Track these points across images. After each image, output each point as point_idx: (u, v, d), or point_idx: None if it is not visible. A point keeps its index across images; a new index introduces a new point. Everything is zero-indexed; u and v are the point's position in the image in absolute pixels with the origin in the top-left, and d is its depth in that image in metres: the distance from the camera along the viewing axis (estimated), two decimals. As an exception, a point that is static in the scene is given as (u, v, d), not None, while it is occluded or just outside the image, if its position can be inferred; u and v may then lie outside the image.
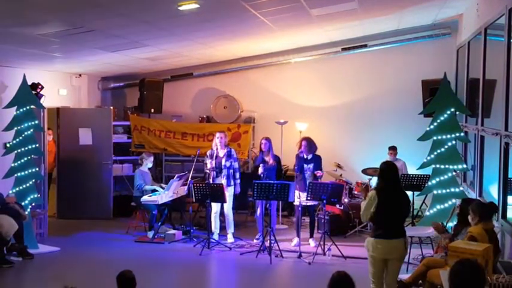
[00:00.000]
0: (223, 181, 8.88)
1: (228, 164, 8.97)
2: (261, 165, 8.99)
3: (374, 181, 10.09)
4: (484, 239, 5.25)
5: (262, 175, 8.91)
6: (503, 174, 6.38)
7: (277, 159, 9.17)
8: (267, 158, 9.03)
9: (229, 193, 8.95)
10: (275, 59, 11.71)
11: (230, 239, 8.97)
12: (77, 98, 11.28)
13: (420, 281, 5.97)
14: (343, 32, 10.45)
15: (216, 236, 8.95)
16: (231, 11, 7.11)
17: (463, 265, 3.38)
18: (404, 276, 6.02)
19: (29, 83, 8.44)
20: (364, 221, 6.51)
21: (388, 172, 5.56)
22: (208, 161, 9.06)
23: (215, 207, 8.97)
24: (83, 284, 7.13)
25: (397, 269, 5.55)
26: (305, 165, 8.72)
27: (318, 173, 8.68)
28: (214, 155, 8.98)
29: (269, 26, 8.31)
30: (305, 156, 8.73)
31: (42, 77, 9.25)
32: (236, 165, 9.08)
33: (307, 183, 8.43)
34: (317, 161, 8.78)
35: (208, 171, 9.07)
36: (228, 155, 9.01)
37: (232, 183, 8.98)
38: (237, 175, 9.04)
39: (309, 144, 8.73)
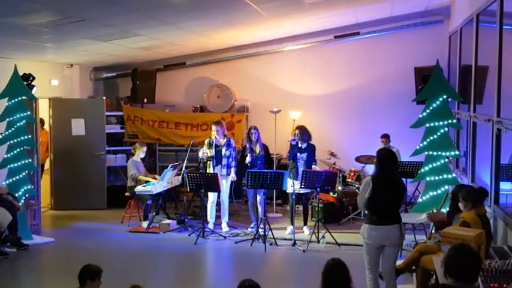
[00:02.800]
0: (224, 171, 8.90)
1: (228, 153, 8.99)
2: (248, 154, 9.00)
3: (367, 169, 10.17)
4: (477, 224, 5.28)
5: (249, 164, 8.92)
6: (495, 161, 6.42)
7: (265, 148, 9.18)
8: (255, 148, 9.05)
9: (227, 182, 8.98)
10: (268, 47, 11.67)
11: (225, 228, 9.00)
12: (69, 89, 11.21)
13: (413, 267, 6.01)
14: (336, 20, 10.42)
15: (211, 226, 8.97)
16: (223, -1, 7.08)
17: (459, 250, 3.40)
18: (397, 262, 6.05)
19: (20, 73, 8.38)
20: (360, 208, 6.52)
21: (384, 159, 5.56)
22: (201, 150, 9.06)
23: (212, 196, 8.99)
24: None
25: (394, 255, 5.55)
26: (298, 154, 8.73)
27: (313, 165, 8.69)
28: (214, 144, 8.98)
29: (261, 14, 8.27)
30: (299, 145, 8.74)
31: (33, 68, 9.18)
32: (234, 154, 9.11)
33: (301, 171, 8.45)
34: (311, 151, 8.78)
35: (203, 159, 9.07)
36: (228, 145, 9.02)
37: (231, 171, 9.00)
38: (234, 163, 9.07)
39: (301, 132, 8.72)
